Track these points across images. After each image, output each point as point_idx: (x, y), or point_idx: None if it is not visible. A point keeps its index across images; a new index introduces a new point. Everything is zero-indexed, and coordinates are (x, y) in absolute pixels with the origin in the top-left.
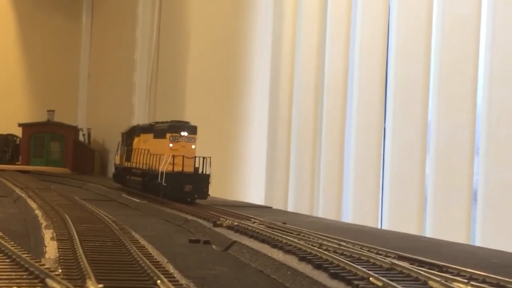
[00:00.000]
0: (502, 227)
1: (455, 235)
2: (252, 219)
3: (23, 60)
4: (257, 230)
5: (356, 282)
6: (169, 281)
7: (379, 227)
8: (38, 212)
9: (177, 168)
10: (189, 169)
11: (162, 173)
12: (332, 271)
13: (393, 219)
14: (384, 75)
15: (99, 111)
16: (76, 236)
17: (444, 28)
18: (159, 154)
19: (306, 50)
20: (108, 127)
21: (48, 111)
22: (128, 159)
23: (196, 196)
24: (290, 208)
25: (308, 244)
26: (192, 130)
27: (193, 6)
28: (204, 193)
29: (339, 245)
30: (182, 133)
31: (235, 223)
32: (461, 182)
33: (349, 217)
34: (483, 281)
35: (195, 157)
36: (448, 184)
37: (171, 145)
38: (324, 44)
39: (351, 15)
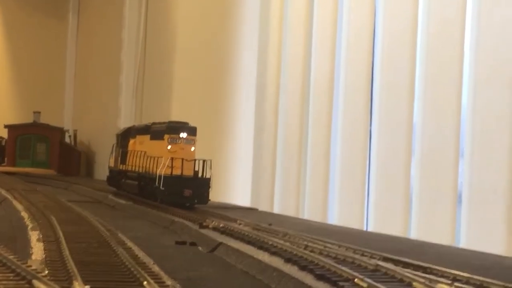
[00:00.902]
0: (486, 229)
1: (440, 237)
2: (238, 221)
3: (8, 61)
4: (243, 232)
5: (341, 284)
6: (156, 282)
7: (365, 229)
8: (24, 213)
9: (176, 172)
10: (188, 172)
11: (159, 176)
12: (317, 272)
13: (378, 221)
14: (369, 79)
15: (85, 113)
16: (62, 238)
17: (429, 32)
18: (156, 157)
19: (292, 55)
20: (94, 128)
21: (34, 112)
22: (123, 161)
23: (196, 201)
24: (276, 210)
25: (294, 245)
26: (192, 131)
27: (179, 8)
28: (205, 198)
29: (325, 246)
30: (181, 135)
31: (221, 225)
32: (446, 185)
33: (334, 219)
34: (467, 282)
35: (194, 159)
36: (433, 187)
37: (169, 147)
38: (310, 49)
39: (337, 20)
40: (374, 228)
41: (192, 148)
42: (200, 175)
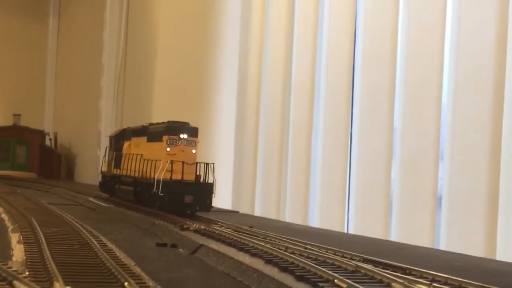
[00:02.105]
0: (465, 232)
1: (419, 239)
2: (219, 223)
3: None
4: (224, 234)
5: (321, 284)
6: (137, 283)
7: (345, 232)
8: (4, 216)
9: (176, 176)
10: (189, 177)
11: (158, 181)
12: (297, 273)
13: (359, 223)
14: (350, 83)
15: (66, 116)
16: (43, 239)
17: (409, 37)
18: (154, 160)
19: (273, 59)
20: (75, 131)
21: (14, 115)
22: (117, 165)
23: (198, 208)
24: (257, 213)
25: (274, 247)
26: (193, 132)
27: (160, 11)
28: (207, 205)
29: (305, 248)
30: (181, 136)
31: (202, 227)
32: (426, 188)
33: (315, 221)
34: (445, 283)
35: (196, 163)
36: (413, 190)
37: (168, 149)
38: (291, 53)
39: (317, 24)
40: (354, 230)
41: (193, 151)
42: (202, 179)
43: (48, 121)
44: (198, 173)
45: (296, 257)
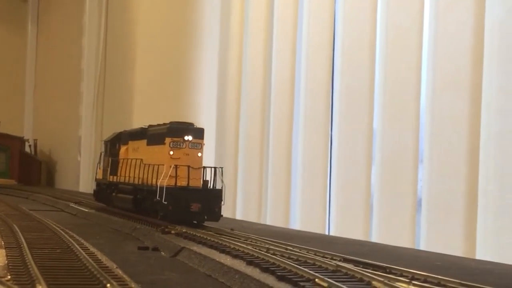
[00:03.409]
0: (445, 232)
1: (400, 240)
2: (201, 226)
3: None
4: (205, 237)
5: (302, 284)
6: (119, 285)
7: (327, 233)
8: None
9: (181, 182)
10: (196, 183)
11: (161, 188)
12: (279, 273)
13: (340, 225)
14: (330, 85)
15: (45, 122)
16: (24, 244)
17: (387, 39)
18: (156, 165)
19: (253, 62)
20: (55, 137)
21: None
22: (114, 172)
23: (205, 217)
24: (238, 216)
25: (256, 248)
26: (198, 133)
27: (139, 16)
28: (216, 214)
29: (286, 249)
30: (186, 137)
31: (183, 230)
32: (405, 189)
33: (296, 224)
34: (425, 281)
35: (203, 167)
36: (393, 191)
37: (171, 152)
38: (271, 56)
39: (297, 26)
40: (336, 232)
41: (199, 154)
42: (209, 185)
43: (27, 128)
44: (205, 179)
45: (277, 258)
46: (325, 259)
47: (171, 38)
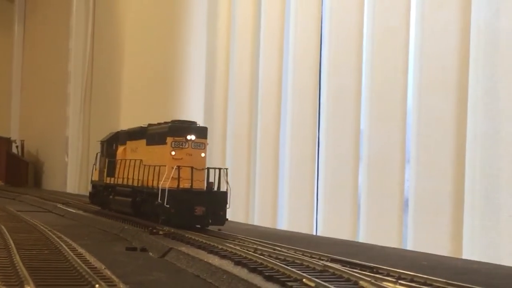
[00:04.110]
0: (432, 232)
1: (387, 240)
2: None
3: None
4: (193, 237)
5: (290, 284)
6: (108, 285)
7: (314, 234)
8: None
9: (184, 184)
10: (199, 185)
11: (163, 191)
12: (266, 273)
13: (327, 225)
14: (317, 86)
15: (32, 123)
16: (12, 245)
17: (374, 40)
18: (158, 166)
19: (240, 64)
20: (42, 138)
21: None
22: (111, 173)
23: (210, 221)
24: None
25: (244, 249)
26: (202, 132)
27: (126, 17)
28: (221, 218)
29: (274, 249)
30: (189, 137)
31: (172, 231)
32: (392, 189)
33: (284, 224)
34: (411, 280)
35: (206, 168)
36: (380, 191)
37: (173, 153)
38: (258, 57)
39: (284, 27)
40: (323, 233)
41: (202, 154)
42: (214, 188)
43: (14, 129)
44: (210, 180)
45: (265, 258)
46: (312, 259)
47: (159, 39)
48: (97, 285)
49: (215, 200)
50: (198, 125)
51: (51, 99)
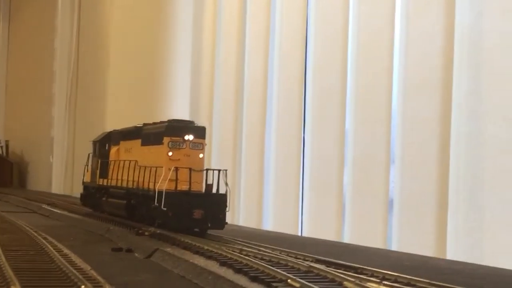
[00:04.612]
0: (416, 232)
1: (372, 240)
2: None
3: None
4: (178, 238)
5: (275, 284)
6: (94, 286)
7: (299, 234)
8: None
9: (182, 186)
10: (197, 187)
11: (160, 193)
12: (252, 274)
13: (312, 226)
14: (302, 87)
15: (17, 123)
16: None
17: (359, 41)
18: (154, 167)
19: (226, 64)
20: (27, 138)
21: None
22: (104, 175)
23: (209, 225)
24: None
25: (229, 250)
26: (200, 132)
27: (112, 17)
28: (221, 221)
29: (259, 250)
30: (186, 137)
31: (157, 231)
32: (377, 190)
33: (269, 225)
34: (395, 281)
35: (205, 170)
36: (365, 192)
37: (170, 153)
38: (244, 59)
39: (269, 28)
40: (308, 233)
41: (201, 155)
42: (214, 190)
43: None
44: (208, 182)
45: (250, 259)
46: (297, 260)
47: (144, 38)
48: (83, 286)
49: (214, 203)
50: (196, 125)
51: (36, 99)
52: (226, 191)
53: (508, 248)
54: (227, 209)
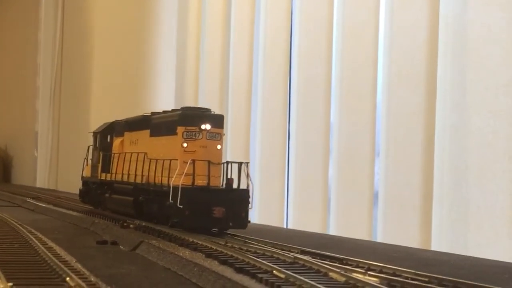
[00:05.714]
0: (402, 224)
1: (357, 232)
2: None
3: None
4: (164, 231)
5: (260, 275)
6: (79, 278)
7: (285, 227)
8: None
9: (200, 181)
10: (216, 181)
11: (175, 189)
12: (237, 266)
13: (298, 218)
14: (287, 79)
15: (1, 117)
16: None
17: (344, 34)
18: (168, 159)
19: (210, 57)
20: (11, 132)
21: None
22: (106, 169)
23: (231, 224)
24: None
25: (214, 242)
26: (218, 121)
27: (96, 10)
28: (243, 220)
29: (245, 242)
30: (203, 126)
31: (143, 224)
32: (362, 182)
33: (255, 218)
34: (380, 271)
35: (224, 162)
36: (350, 184)
37: (185, 144)
38: (228, 49)
39: (254, 20)
40: (294, 226)
41: (219, 146)
42: (235, 185)
43: None
44: (229, 176)
45: (236, 251)
46: (283, 251)
47: (129, 32)
48: (68, 278)
49: (236, 200)
50: (213, 113)
51: (21, 93)
52: (248, 186)
53: (492, 240)
54: (250, 206)
